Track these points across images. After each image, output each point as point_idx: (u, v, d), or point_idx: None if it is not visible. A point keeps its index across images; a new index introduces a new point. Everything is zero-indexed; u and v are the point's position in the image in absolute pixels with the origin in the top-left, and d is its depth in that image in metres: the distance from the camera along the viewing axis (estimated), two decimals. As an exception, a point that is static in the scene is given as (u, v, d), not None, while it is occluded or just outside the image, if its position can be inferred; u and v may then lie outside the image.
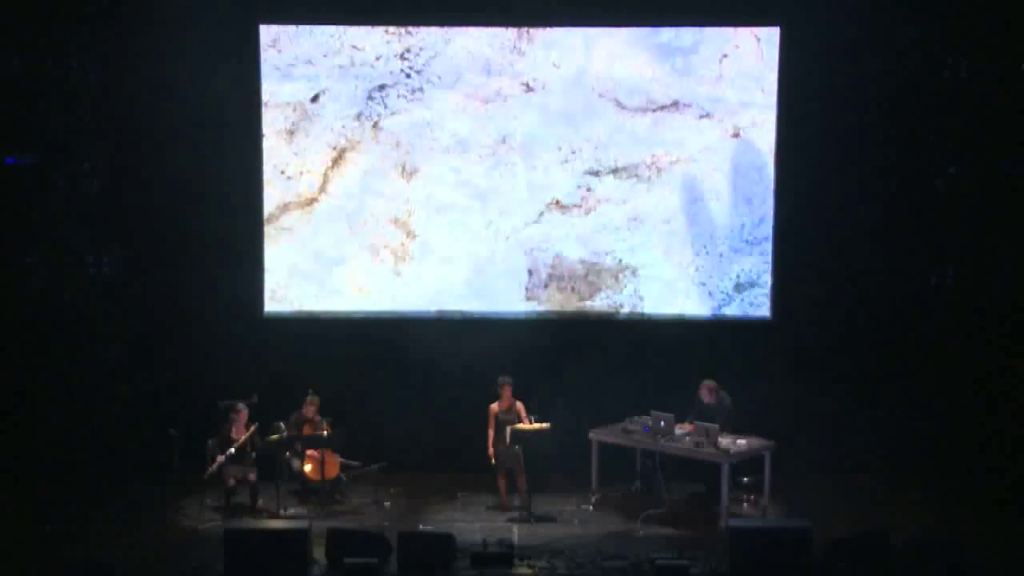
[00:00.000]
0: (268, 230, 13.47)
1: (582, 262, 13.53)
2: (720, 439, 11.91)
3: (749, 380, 12.80)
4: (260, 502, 12.27)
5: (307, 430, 12.49)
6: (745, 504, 12.51)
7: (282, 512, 12.04)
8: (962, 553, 10.30)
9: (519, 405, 12.38)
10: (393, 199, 13.49)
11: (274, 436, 12.23)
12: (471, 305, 13.53)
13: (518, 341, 13.18)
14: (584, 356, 13.22)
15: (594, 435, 12.66)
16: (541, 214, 13.49)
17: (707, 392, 12.45)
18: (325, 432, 12.44)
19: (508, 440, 12.15)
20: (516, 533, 11.70)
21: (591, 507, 12.52)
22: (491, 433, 12.34)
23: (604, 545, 11.38)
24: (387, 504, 12.52)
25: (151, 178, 13.33)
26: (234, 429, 12.30)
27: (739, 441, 12.05)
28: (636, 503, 12.42)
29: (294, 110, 13.35)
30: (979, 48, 12.97)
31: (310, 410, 12.62)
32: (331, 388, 12.97)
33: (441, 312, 13.58)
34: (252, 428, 12.30)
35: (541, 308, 13.58)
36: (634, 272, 13.52)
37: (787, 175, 13.31)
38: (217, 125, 13.10)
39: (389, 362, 13.31)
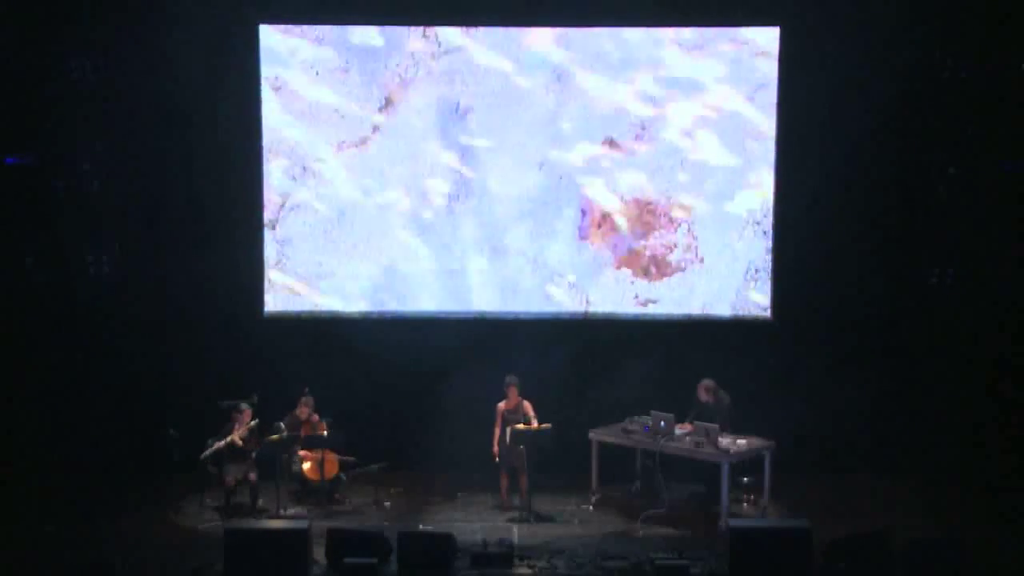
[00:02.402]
0: (268, 229, 13.50)
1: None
2: (720, 439, 11.91)
3: (749, 380, 12.81)
4: (260, 502, 12.27)
5: (304, 430, 12.49)
6: (745, 504, 12.51)
7: (282, 512, 12.04)
8: (962, 553, 10.30)
9: (526, 405, 12.39)
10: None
11: (274, 436, 12.23)
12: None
13: (518, 341, 13.18)
14: (584, 356, 13.22)
15: (594, 435, 12.66)
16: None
17: (705, 392, 12.45)
18: (324, 432, 12.44)
19: (508, 440, 12.16)
20: (516, 533, 11.70)
21: (591, 507, 12.52)
22: (497, 431, 12.35)
23: (604, 545, 11.38)
24: (387, 504, 12.53)
25: (151, 178, 13.34)
26: (236, 429, 12.30)
27: (739, 441, 12.04)
28: (636, 503, 12.43)
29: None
30: (979, 48, 12.97)
31: (304, 411, 12.62)
32: (331, 388, 12.98)
33: (442, 312, 13.59)
34: (252, 423, 12.31)
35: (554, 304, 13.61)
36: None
37: (787, 175, 13.31)
38: (217, 125, 13.10)
39: (389, 362, 13.30)
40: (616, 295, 13.61)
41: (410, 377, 13.28)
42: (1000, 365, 13.19)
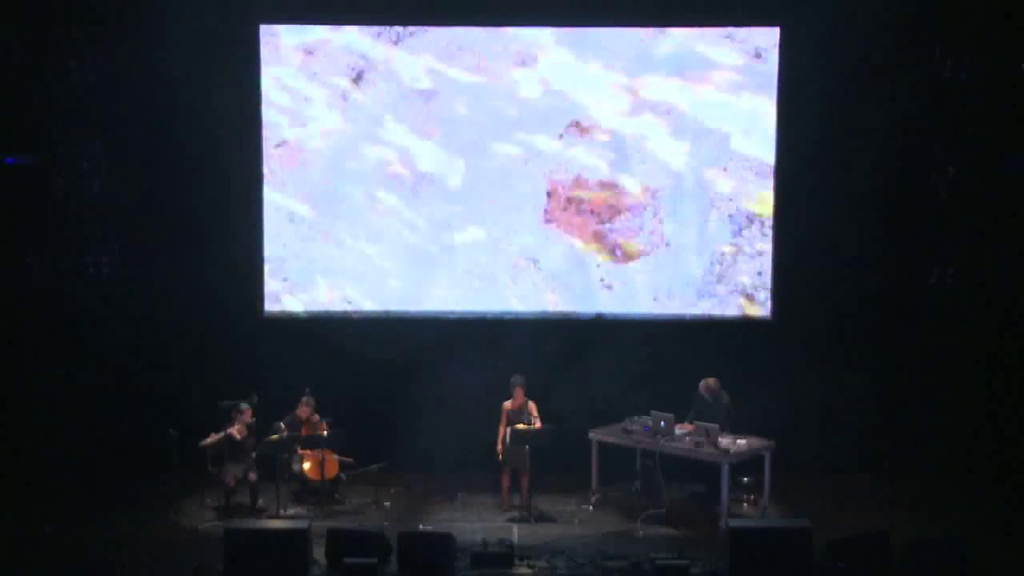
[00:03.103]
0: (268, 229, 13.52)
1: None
2: (720, 439, 11.91)
3: (749, 380, 12.82)
4: (260, 502, 12.27)
5: (304, 430, 12.49)
6: (745, 504, 12.51)
7: (282, 512, 12.04)
8: (962, 553, 10.29)
9: (531, 405, 12.40)
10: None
11: (274, 436, 12.23)
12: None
13: (518, 341, 13.18)
14: (584, 356, 13.22)
15: (594, 435, 12.66)
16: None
17: (707, 389, 12.44)
18: (324, 432, 12.44)
19: (508, 440, 12.17)
20: (516, 533, 11.70)
21: (591, 507, 12.52)
22: (502, 430, 12.36)
23: (604, 545, 11.38)
24: (387, 504, 12.53)
25: (151, 178, 13.34)
26: (236, 428, 12.31)
27: (739, 441, 12.04)
28: (636, 503, 12.42)
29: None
30: (979, 48, 12.96)
31: (304, 411, 12.62)
32: (331, 388, 12.99)
33: (442, 312, 13.59)
34: (251, 422, 12.32)
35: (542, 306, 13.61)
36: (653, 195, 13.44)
37: (787, 175, 13.31)
38: (217, 125, 13.11)
39: (389, 362, 13.30)
40: (582, 277, 13.58)
41: (410, 377, 13.26)
42: (1000, 365, 13.19)
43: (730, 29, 13.20)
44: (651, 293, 13.58)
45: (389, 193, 13.52)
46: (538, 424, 12.27)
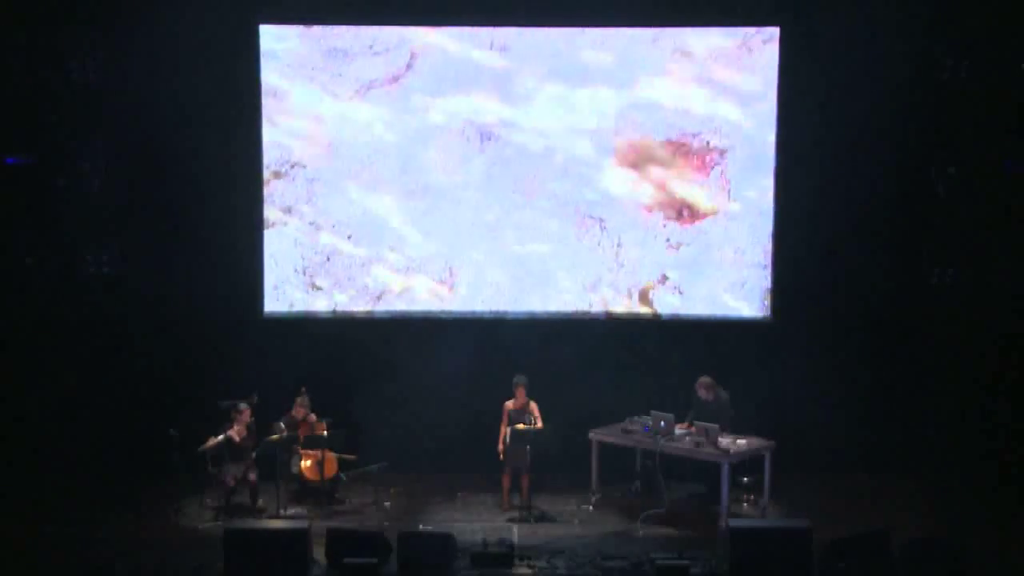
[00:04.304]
0: (268, 230, 13.52)
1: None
2: (720, 439, 11.91)
3: (749, 380, 12.82)
4: (260, 502, 12.27)
5: (301, 431, 12.49)
6: (745, 504, 12.51)
7: (282, 512, 12.04)
8: (962, 553, 10.30)
9: (533, 405, 12.40)
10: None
11: (274, 436, 12.23)
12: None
13: (518, 341, 13.18)
14: (584, 356, 13.22)
15: (594, 435, 12.66)
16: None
17: (704, 388, 12.45)
18: (324, 432, 12.44)
19: (509, 440, 12.17)
20: (516, 533, 11.70)
21: (591, 507, 12.52)
22: (503, 430, 12.37)
23: (604, 545, 11.38)
24: (387, 504, 12.53)
25: (151, 178, 13.34)
26: (236, 429, 12.31)
27: (739, 441, 12.05)
28: (636, 503, 12.42)
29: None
30: (979, 48, 12.96)
31: (300, 412, 12.62)
32: (331, 388, 12.99)
33: (442, 312, 13.59)
34: (251, 422, 12.33)
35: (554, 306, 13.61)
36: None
37: (787, 175, 13.31)
38: (217, 125, 13.10)
39: (389, 362, 13.30)
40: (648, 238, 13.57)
41: (410, 377, 13.26)
42: (1000, 365, 13.19)
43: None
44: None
45: (390, 192, 13.55)
46: (540, 424, 12.27)
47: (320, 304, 13.64)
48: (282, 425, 12.38)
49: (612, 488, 12.81)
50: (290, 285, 13.61)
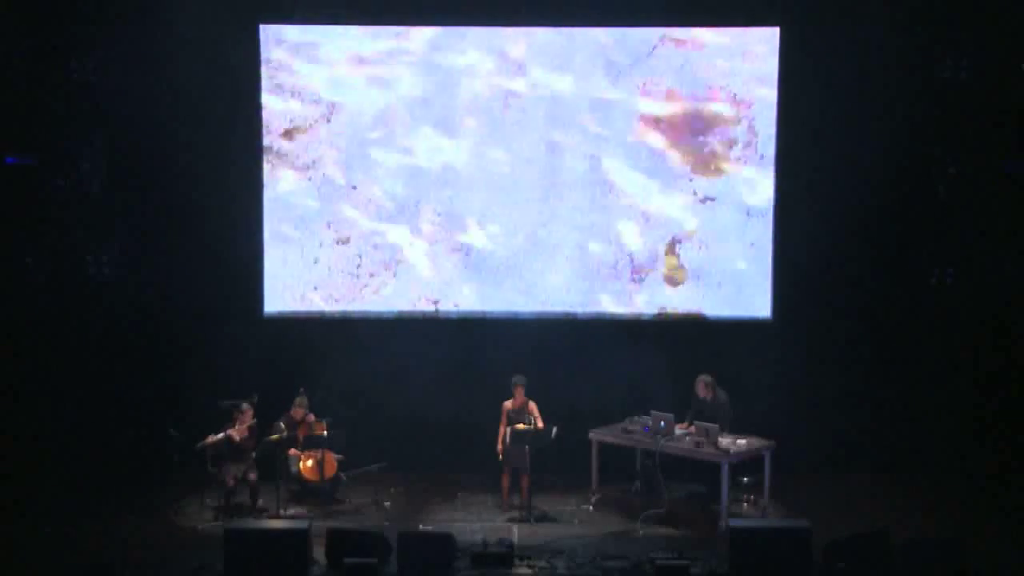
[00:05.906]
0: (268, 230, 13.52)
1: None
2: (720, 439, 11.91)
3: (749, 380, 12.82)
4: (260, 502, 12.27)
5: (300, 431, 12.49)
6: (745, 504, 12.51)
7: (282, 512, 12.04)
8: (962, 553, 10.29)
9: (532, 405, 12.41)
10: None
11: (274, 436, 12.23)
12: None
13: (518, 341, 13.18)
14: (584, 356, 13.22)
15: (594, 435, 12.66)
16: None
17: (703, 387, 12.45)
18: (324, 432, 12.44)
19: (508, 440, 12.17)
20: (516, 533, 11.70)
21: (591, 507, 12.52)
22: (502, 430, 12.37)
23: (604, 545, 11.38)
24: (387, 504, 12.53)
25: (151, 178, 13.35)
26: (238, 428, 12.31)
27: (739, 441, 12.04)
28: (636, 503, 12.43)
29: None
30: (979, 48, 12.97)
31: (299, 412, 12.62)
32: (331, 388, 12.98)
33: (442, 312, 13.59)
34: (252, 422, 12.33)
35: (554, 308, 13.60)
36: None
37: (787, 174, 13.31)
38: (217, 125, 13.11)
39: (389, 362, 13.30)
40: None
41: (410, 377, 13.26)
42: (1000, 365, 13.19)
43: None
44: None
45: (396, 189, 13.55)
46: (539, 424, 12.27)
47: (320, 304, 13.64)
48: (282, 425, 12.38)
49: (612, 488, 12.80)
50: (290, 285, 13.61)
